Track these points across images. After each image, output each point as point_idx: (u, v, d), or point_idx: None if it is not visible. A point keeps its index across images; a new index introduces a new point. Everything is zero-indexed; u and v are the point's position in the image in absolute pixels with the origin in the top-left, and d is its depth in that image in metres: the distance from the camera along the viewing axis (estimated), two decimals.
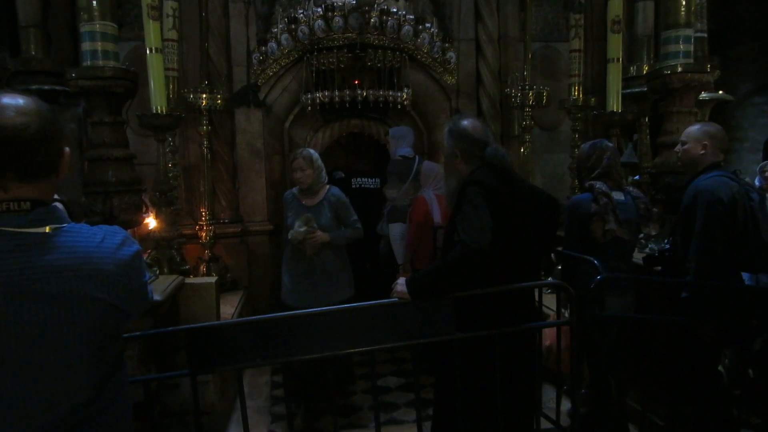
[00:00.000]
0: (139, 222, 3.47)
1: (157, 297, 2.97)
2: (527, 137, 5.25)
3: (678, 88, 3.46)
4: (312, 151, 3.92)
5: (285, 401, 3.44)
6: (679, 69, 3.44)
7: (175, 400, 3.05)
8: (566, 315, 2.73)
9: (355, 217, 4.00)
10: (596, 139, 3.40)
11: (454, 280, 2.31)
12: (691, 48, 3.55)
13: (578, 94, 4.85)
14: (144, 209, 3.46)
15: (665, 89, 3.53)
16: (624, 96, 4.46)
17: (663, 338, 2.95)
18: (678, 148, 3.07)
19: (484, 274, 2.33)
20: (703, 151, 2.95)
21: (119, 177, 3.02)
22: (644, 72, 4.89)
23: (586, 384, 3.31)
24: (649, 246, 3.89)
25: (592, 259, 2.74)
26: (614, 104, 4.10)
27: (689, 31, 3.55)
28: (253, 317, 2.41)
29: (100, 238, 1.33)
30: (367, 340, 2.38)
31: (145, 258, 3.49)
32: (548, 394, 3.42)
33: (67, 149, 1.36)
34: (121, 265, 1.33)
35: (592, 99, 4.94)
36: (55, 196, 1.48)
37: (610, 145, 3.28)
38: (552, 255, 3.46)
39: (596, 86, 5.93)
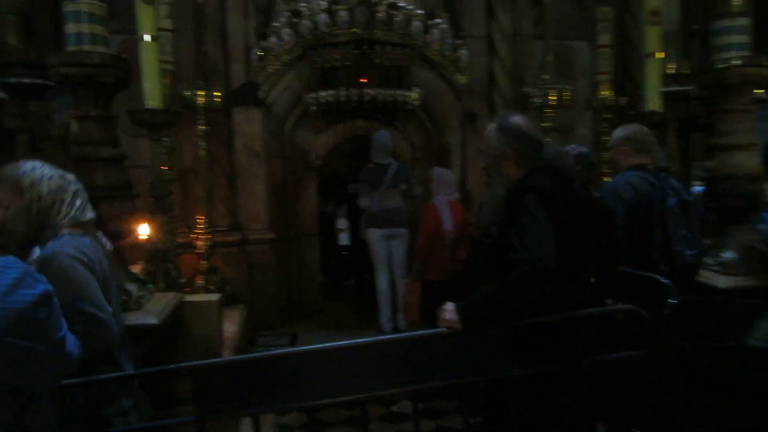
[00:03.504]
0: (130, 232, 3.05)
1: (152, 320, 2.57)
2: (548, 140, 4.89)
3: (735, 84, 3.11)
4: (27, 168, 1.74)
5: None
6: (737, 62, 3.09)
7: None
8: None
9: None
10: (579, 147, 3.36)
11: (516, 304, 1.93)
12: (747, 39, 3.19)
13: (609, 93, 4.50)
14: (136, 217, 3.05)
15: (719, 85, 3.17)
16: None
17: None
18: None
19: (547, 298, 1.96)
20: (619, 156, 3.03)
21: (109, 180, 2.61)
22: (674, 71, 4.59)
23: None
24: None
25: (659, 277, 2.38)
26: (654, 103, 3.71)
27: (744, 20, 3.19)
28: (267, 353, 2.07)
29: None
30: (404, 377, 2.00)
31: (137, 273, 3.12)
32: None
33: None
34: (12, 317, 0.91)
35: (623, 98, 4.61)
36: None
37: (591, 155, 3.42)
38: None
39: (616, 84, 5.62)
